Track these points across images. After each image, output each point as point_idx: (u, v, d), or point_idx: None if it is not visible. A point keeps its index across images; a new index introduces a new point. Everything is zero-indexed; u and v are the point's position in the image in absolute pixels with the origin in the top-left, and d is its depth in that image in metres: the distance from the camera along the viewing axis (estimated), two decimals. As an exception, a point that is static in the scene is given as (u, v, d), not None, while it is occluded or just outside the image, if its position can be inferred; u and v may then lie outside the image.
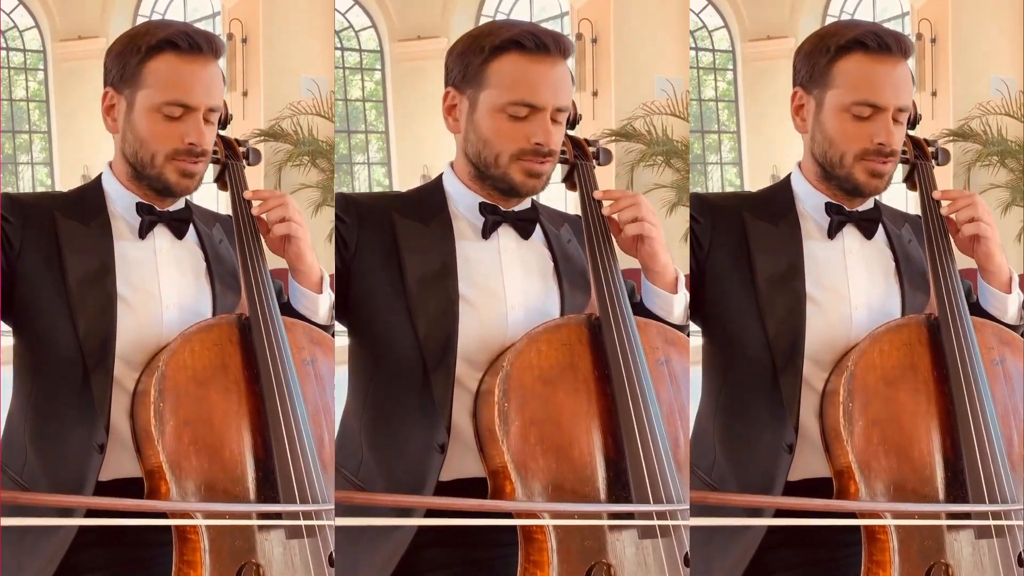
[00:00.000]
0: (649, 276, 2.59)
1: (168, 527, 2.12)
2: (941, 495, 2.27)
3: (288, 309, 2.56)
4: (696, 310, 2.62)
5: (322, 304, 2.55)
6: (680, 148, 10.26)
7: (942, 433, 2.34)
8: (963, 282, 2.64)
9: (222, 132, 2.55)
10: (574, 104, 2.62)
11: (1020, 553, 2.30)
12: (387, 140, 13.60)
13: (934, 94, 10.44)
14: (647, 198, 9.90)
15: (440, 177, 2.56)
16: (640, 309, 2.61)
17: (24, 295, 2.40)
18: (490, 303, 2.53)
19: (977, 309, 2.68)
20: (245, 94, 10.96)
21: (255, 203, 2.46)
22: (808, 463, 2.48)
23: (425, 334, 2.49)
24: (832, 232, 2.63)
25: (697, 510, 2.29)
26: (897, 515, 2.20)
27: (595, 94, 10.46)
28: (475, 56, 2.48)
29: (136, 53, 2.38)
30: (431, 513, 2.20)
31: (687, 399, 2.37)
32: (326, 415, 2.31)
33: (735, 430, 2.56)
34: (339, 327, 2.67)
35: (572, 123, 2.63)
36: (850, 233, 2.64)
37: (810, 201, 2.63)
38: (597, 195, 2.50)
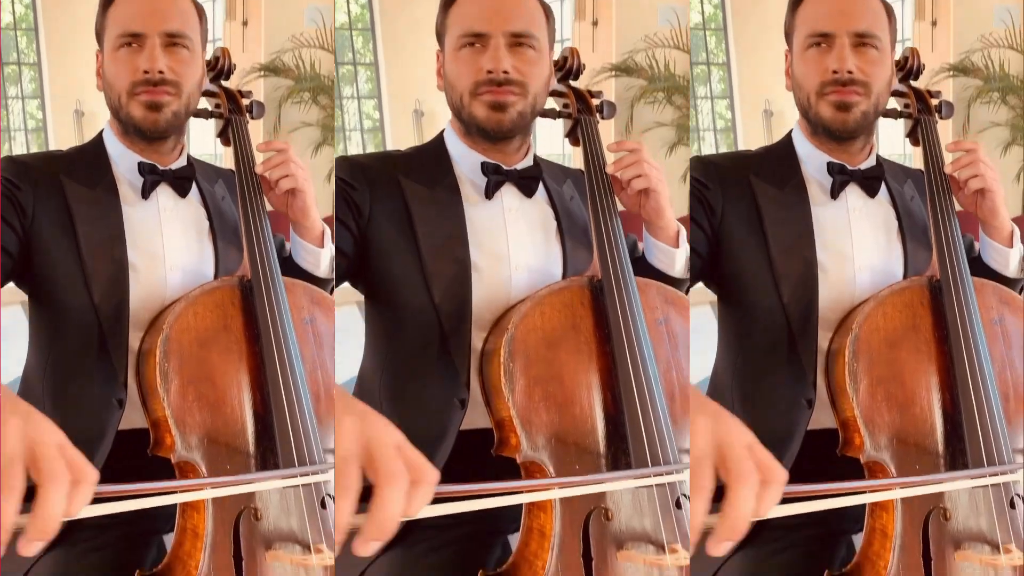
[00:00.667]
0: (652, 231, 2.62)
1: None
2: (940, 446, 2.37)
3: (289, 263, 2.60)
4: (711, 276, 2.67)
5: (324, 258, 2.60)
6: (682, 84, 10.26)
7: (942, 389, 2.43)
8: (964, 236, 2.70)
9: (225, 83, 2.57)
10: (576, 53, 2.62)
11: (1012, 497, 2.40)
12: (376, 72, 13.53)
13: (934, 23, 10.04)
14: (648, 137, 9.92)
15: (442, 135, 2.59)
16: (641, 262, 2.66)
17: (40, 262, 2.44)
18: (495, 264, 2.57)
19: (978, 262, 2.73)
20: (245, 23, 10.25)
21: (259, 159, 2.49)
22: (815, 414, 2.56)
23: (440, 300, 2.55)
24: (835, 192, 2.66)
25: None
26: (901, 474, 2.30)
27: (595, 23, 10.43)
28: (442, 9, 2.53)
29: (101, 6, 2.43)
30: (445, 473, 2.31)
31: (686, 356, 2.44)
32: (323, 372, 2.39)
33: (753, 390, 2.61)
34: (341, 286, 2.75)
35: (576, 73, 2.63)
36: (853, 192, 2.67)
37: (812, 162, 2.65)
38: (611, 147, 2.52)
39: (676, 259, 2.56)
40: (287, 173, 2.45)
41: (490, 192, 2.49)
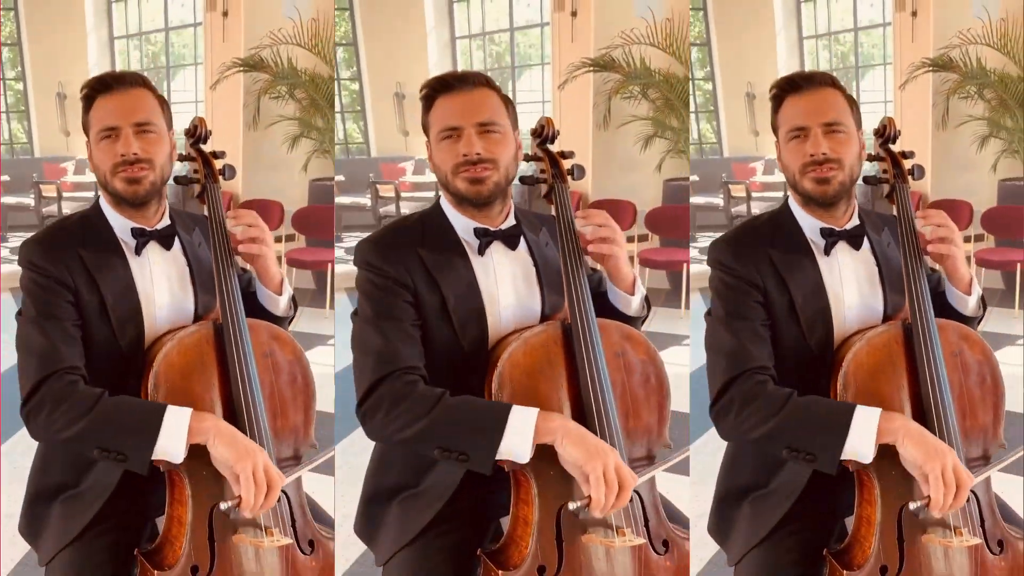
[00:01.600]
0: (614, 282, 3.22)
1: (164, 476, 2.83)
2: None
3: (254, 302, 3.21)
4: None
5: (281, 301, 3.22)
6: (658, 79, 10.62)
7: (913, 409, 3.02)
8: (931, 276, 3.27)
9: (203, 147, 3.08)
10: (550, 122, 3.11)
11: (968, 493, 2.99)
12: (356, 53, 13.83)
13: (914, 14, 10.39)
14: (625, 131, 10.21)
15: (439, 205, 3.15)
16: (605, 301, 3.26)
17: (83, 322, 3.06)
18: (490, 306, 3.18)
19: (946, 303, 3.35)
20: (225, 14, 10.56)
21: (229, 220, 3.04)
22: None
23: (467, 341, 3.17)
24: (828, 250, 3.27)
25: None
26: (880, 479, 2.88)
27: (574, 14, 10.58)
28: (424, 111, 3.10)
29: (84, 108, 3.01)
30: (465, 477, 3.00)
31: (640, 383, 2.99)
32: (279, 395, 2.95)
33: None
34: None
35: (552, 139, 3.14)
36: (842, 248, 3.26)
37: (807, 223, 3.27)
38: (579, 214, 3.07)
39: (632, 302, 3.15)
40: (256, 253, 3.04)
41: (482, 250, 3.07)
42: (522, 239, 3.09)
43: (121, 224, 2.98)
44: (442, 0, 12.65)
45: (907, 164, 3.18)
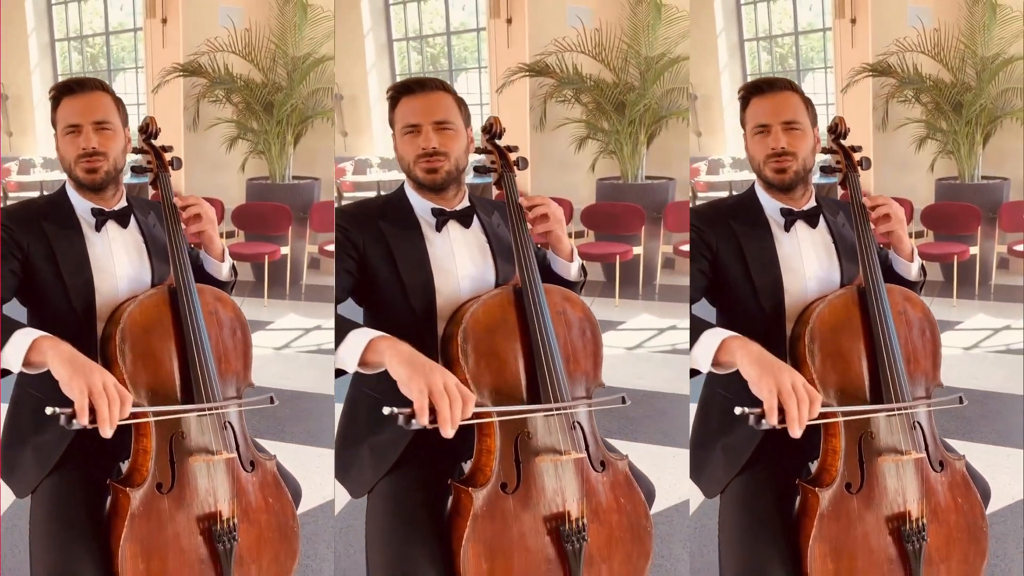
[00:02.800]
0: (555, 252, 3.80)
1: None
2: (868, 395, 3.55)
3: (201, 270, 3.77)
4: (710, 291, 3.87)
5: (224, 267, 3.77)
6: (590, 84, 10.75)
7: (868, 359, 3.57)
8: (881, 251, 3.85)
9: (155, 142, 3.69)
10: (498, 121, 3.66)
11: (914, 423, 3.53)
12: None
13: (853, 21, 10.99)
14: (559, 133, 10.26)
15: (403, 189, 3.69)
16: (549, 269, 3.87)
17: (33, 280, 3.53)
18: (447, 277, 3.60)
19: (891, 270, 3.93)
20: (164, 21, 10.97)
21: (177, 201, 3.63)
22: None
23: (415, 304, 3.55)
24: (788, 227, 3.86)
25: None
26: (846, 413, 3.47)
27: (509, 21, 11.16)
28: (391, 109, 3.68)
29: (52, 107, 3.54)
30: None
31: (579, 336, 3.50)
32: (223, 345, 3.53)
33: None
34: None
35: (499, 135, 3.70)
36: (800, 226, 3.83)
37: (769, 206, 3.84)
38: (522, 200, 3.64)
39: (571, 269, 3.76)
40: (200, 228, 3.62)
41: (439, 227, 3.65)
42: (476, 219, 3.73)
43: (83, 206, 3.65)
44: (379, 3, 12.87)
45: (856, 156, 3.83)
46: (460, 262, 3.69)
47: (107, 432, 3.21)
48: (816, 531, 3.54)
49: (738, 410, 3.37)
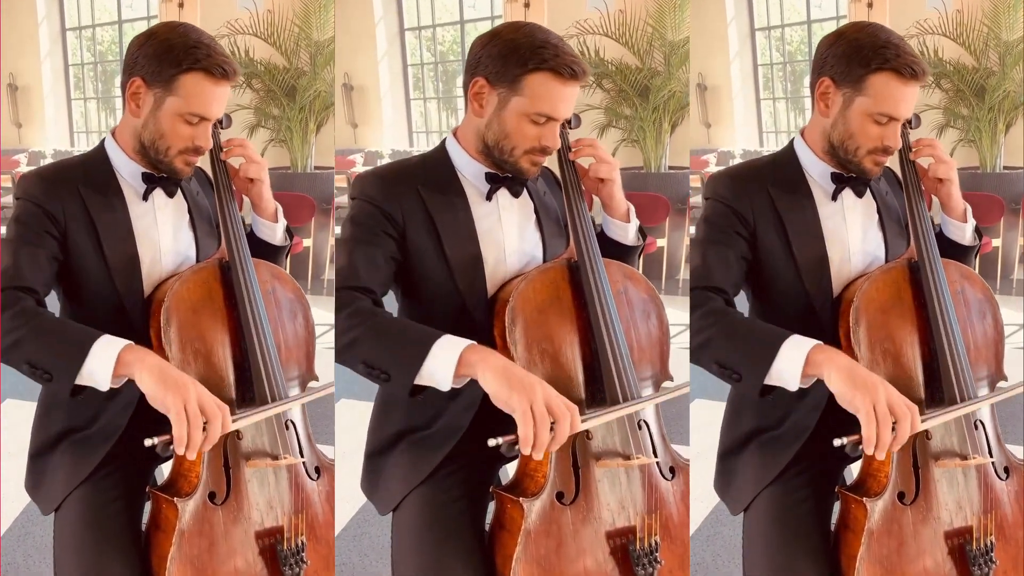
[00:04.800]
0: (608, 212, 3.33)
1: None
2: (922, 387, 3.08)
3: (252, 236, 3.37)
4: (749, 274, 3.36)
5: (278, 230, 3.38)
6: (612, 70, 10.83)
7: (921, 344, 3.14)
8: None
9: None
10: None
11: (975, 421, 3.13)
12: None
13: (870, 5, 10.43)
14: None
15: (444, 145, 3.24)
16: (602, 236, 3.38)
17: (73, 257, 3.16)
18: (495, 250, 3.24)
19: (941, 236, 3.46)
20: (181, 5, 10.51)
21: (224, 150, 3.18)
22: None
23: (463, 286, 3.25)
24: (835, 195, 3.36)
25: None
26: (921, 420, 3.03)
27: (527, 5, 10.55)
28: (515, 66, 3.04)
29: (175, 64, 2.98)
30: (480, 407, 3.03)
31: (642, 317, 3.13)
32: (283, 329, 3.11)
33: None
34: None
35: None
36: (846, 193, 3.37)
37: (815, 170, 3.31)
38: (573, 148, 3.17)
39: (628, 231, 3.29)
40: (248, 157, 3.16)
41: (490, 195, 3.20)
42: (524, 187, 3.20)
43: (131, 169, 3.13)
44: (390, -11, 12.61)
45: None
46: (509, 233, 3.21)
47: (192, 455, 2.79)
48: (865, 549, 3.06)
49: (837, 442, 2.92)
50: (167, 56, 3.06)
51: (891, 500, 3.07)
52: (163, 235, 3.15)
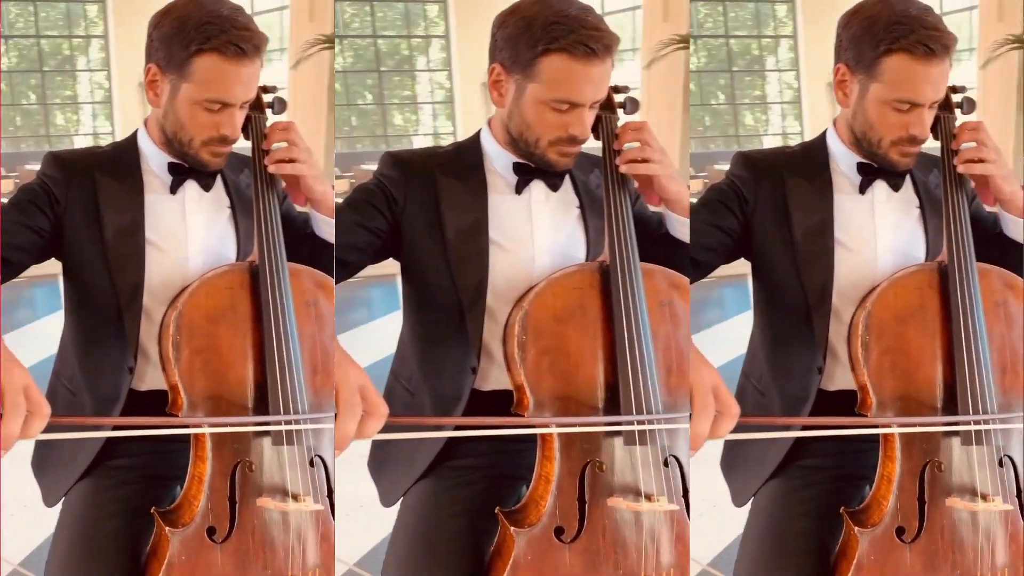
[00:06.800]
0: (667, 206, 3.01)
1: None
2: (941, 411, 2.76)
3: (314, 236, 3.00)
4: (745, 254, 3.06)
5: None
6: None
7: (944, 362, 2.80)
8: (990, 215, 3.05)
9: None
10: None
11: (1001, 457, 2.76)
12: (448, 43, 13.74)
13: None
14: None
15: (479, 134, 2.93)
16: (667, 236, 3.04)
17: (70, 245, 2.87)
18: (519, 250, 2.90)
19: (1002, 235, 3.08)
20: None
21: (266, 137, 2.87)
22: (844, 377, 2.94)
23: (461, 281, 2.94)
24: (863, 188, 3.03)
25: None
26: (902, 424, 2.68)
27: None
28: (526, 48, 2.77)
29: (185, 47, 2.68)
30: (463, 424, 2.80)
31: (686, 335, 2.80)
32: (321, 348, 2.75)
33: (776, 356, 3.02)
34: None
35: None
36: (879, 186, 3.02)
37: (844, 160, 2.99)
38: (618, 136, 2.89)
39: (687, 225, 2.97)
40: (291, 157, 2.83)
41: (520, 188, 2.89)
42: (568, 179, 2.92)
43: (159, 160, 2.84)
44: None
45: (955, 97, 3.02)
46: (539, 232, 2.92)
47: None
48: (852, 585, 2.61)
49: None
50: (178, 37, 2.77)
51: (886, 534, 2.79)
52: (192, 231, 2.83)
